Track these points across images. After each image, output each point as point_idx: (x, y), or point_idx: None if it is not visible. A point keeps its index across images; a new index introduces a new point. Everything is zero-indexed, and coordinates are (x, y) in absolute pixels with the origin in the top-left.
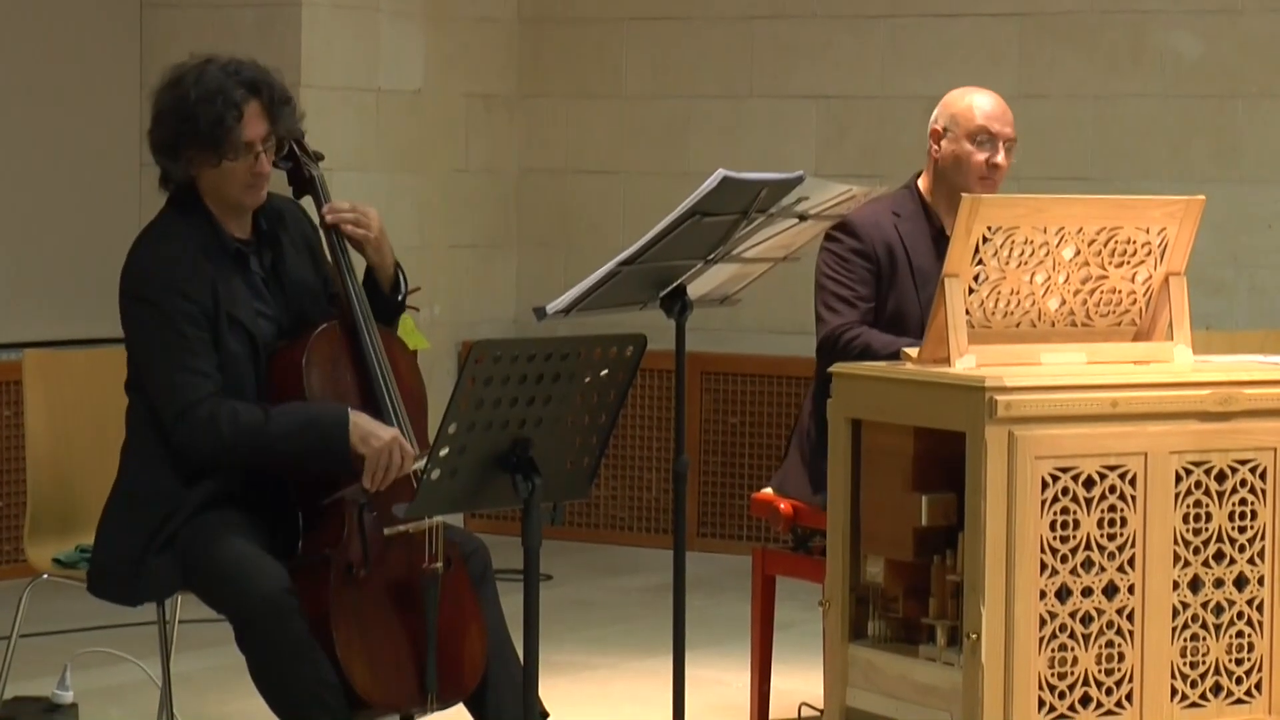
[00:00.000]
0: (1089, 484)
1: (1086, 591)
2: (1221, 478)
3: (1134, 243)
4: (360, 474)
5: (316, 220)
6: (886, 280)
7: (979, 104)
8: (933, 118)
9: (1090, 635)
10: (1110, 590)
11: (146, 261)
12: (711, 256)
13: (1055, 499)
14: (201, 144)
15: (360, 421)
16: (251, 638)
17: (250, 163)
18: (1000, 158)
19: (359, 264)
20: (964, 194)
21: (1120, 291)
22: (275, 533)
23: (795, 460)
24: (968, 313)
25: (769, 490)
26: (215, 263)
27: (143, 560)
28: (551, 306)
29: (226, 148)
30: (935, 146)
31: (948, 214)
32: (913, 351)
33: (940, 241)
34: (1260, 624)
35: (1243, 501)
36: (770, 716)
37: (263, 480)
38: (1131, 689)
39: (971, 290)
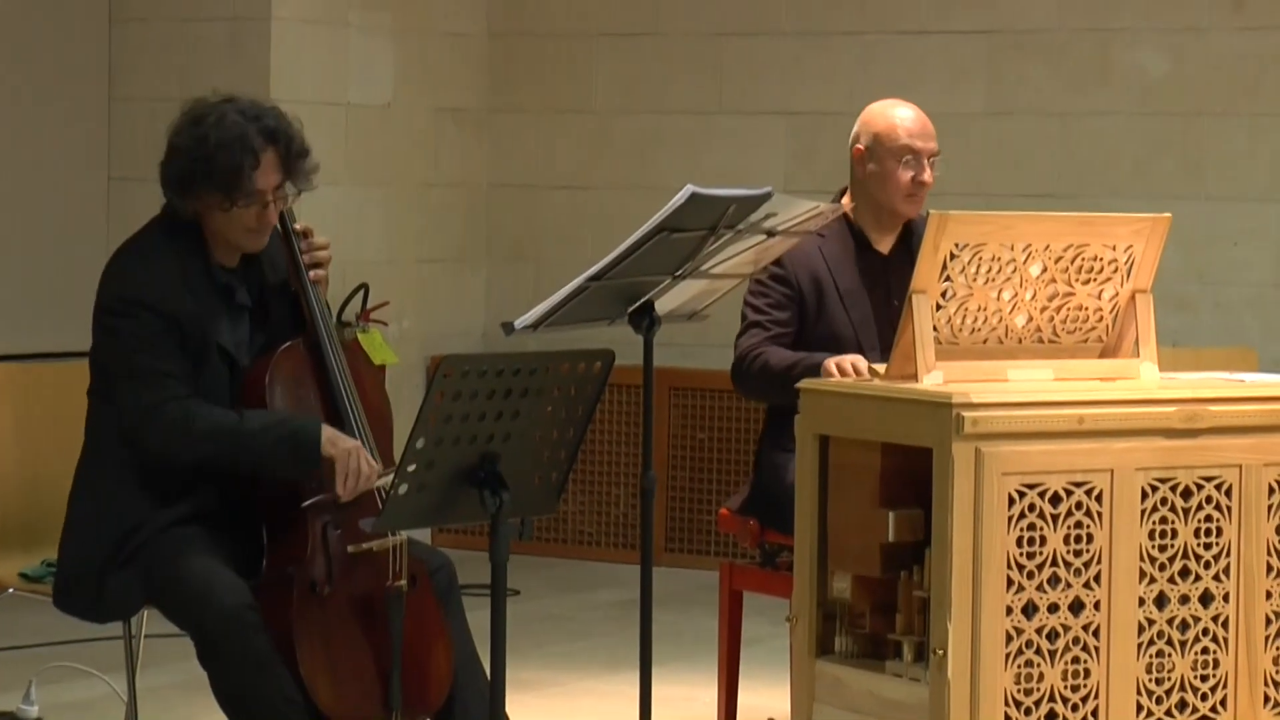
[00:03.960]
0: (1055, 500)
1: (1053, 608)
2: (1187, 494)
3: (1101, 260)
4: (326, 485)
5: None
6: (813, 306)
7: (901, 122)
8: (853, 136)
9: (1056, 651)
10: (1076, 606)
11: (125, 277)
12: (680, 272)
13: (1022, 515)
14: (214, 187)
15: (329, 428)
16: (213, 654)
17: (258, 210)
18: (926, 175)
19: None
20: (932, 211)
21: (1087, 308)
22: (239, 550)
23: (750, 485)
24: (935, 329)
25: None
26: (200, 296)
27: (106, 576)
28: (520, 322)
29: (239, 194)
30: (859, 166)
31: (874, 230)
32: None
33: (866, 256)
34: (1225, 640)
35: (1208, 518)
36: None
37: (228, 498)
38: (1097, 705)
39: (939, 307)
